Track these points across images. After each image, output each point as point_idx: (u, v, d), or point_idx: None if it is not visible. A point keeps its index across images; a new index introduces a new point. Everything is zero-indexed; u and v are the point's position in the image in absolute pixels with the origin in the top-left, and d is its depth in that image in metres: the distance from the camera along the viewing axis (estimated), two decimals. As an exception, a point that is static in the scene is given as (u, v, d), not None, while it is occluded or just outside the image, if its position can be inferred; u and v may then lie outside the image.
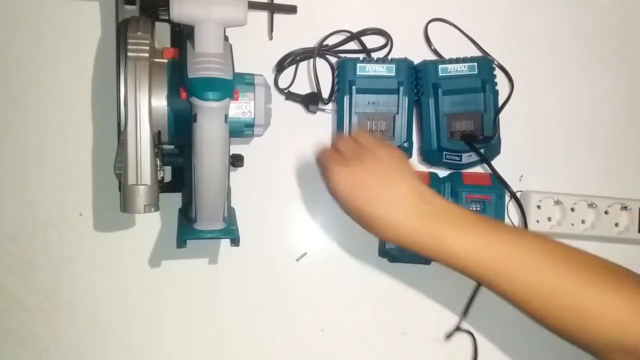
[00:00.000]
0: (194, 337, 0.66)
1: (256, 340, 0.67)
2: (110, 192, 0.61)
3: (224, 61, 0.52)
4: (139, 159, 0.53)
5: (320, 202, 0.68)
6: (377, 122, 0.66)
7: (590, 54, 0.73)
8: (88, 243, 0.65)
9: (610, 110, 0.73)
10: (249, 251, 0.66)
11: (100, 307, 0.65)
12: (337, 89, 0.67)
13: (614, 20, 0.74)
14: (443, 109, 0.66)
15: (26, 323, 0.64)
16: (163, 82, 0.56)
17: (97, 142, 0.65)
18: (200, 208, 0.55)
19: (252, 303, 0.67)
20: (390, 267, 0.68)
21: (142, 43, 0.53)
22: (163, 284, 0.66)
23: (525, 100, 0.70)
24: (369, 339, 0.69)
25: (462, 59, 0.66)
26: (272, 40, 0.67)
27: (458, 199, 0.67)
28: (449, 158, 0.66)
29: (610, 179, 0.72)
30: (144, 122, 0.53)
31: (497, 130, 0.67)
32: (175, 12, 0.50)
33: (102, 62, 0.64)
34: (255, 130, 0.60)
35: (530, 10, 0.73)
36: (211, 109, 0.50)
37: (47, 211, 0.64)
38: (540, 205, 0.69)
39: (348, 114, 0.65)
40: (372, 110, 0.66)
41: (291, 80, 0.67)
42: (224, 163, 0.53)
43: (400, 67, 0.66)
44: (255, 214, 0.67)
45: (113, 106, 0.56)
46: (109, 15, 0.63)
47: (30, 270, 0.64)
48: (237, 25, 0.52)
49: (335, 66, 0.68)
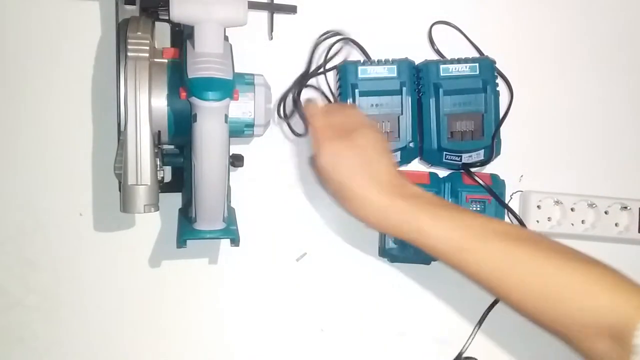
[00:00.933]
0: (194, 337, 0.66)
1: (256, 340, 0.67)
2: (110, 192, 0.61)
3: (224, 61, 0.52)
4: (139, 159, 0.53)
5: (320, 202, 0.68)
6: (381, 123, 0.65)
7: (590, 54, 0.73)
8: (88, 243, 0.65)
9: (610, 110, 0.73)
10: (249, 251, 0.66)
11: (100, 307, 0.65)
12: (339, 92, 0.67)
13: (614, 22, 0.74)
14: (444, 109, 0.65)
15: (26, 323, 0.64)
16: (163, 82, 0.56)
17: (97, 142, 0.65)
18: (200, 208, 0.55)
19: (252, 303, 0.67)
20: (390, 267, 0.68)
21: (142, 43, 0.53)
22: (163, 284, 0.66)
23: (526, 100, 0.70)
24: (368, 339, 0.69)
25: (464, 59, 0.66)
26: (272, 40, 0.67)
27: (458, 199, 0.67)
28: (449, 158, 0.66)
29: (610, 179, 0.72)
30: (144, 122, 0.53)
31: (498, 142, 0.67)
32: (175, 12, 0.51)
33: (102, 62, 0.64)
34: (255, 130, 0.60)
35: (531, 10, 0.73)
36: (211, 109, 0.50)
37: (47, 211, 0.64)
38: (540, 205, 0.69)
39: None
40: (376, 112, 0.66)
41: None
42: (224, 163, 0.53)
43: (402, 67, 0.66)
44: (255, 214, 0.67)
45: (113, 106, 0.56)
46: (109, 15, 0.63)
47: (30, 270, 0.64)
48: (237, 25, 0.52)
49: (336, 70, 0.68)
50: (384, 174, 0.54)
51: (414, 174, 0.67)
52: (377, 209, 0.52)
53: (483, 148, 0.66)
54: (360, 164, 0.53)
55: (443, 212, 0.52)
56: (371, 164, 0.54)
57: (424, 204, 0.52)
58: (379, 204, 0.52)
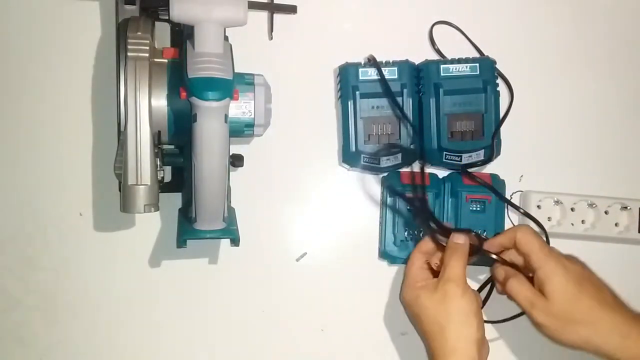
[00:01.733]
0: (194, 337, 0.66)
1: (256, 340, 0.67)
2: (110, 192, 0.61)
3: (223, 61, 0.52)
4: (139, 159, 0.53)
5: (320, 202, 0.68)
6: (382, 125, 0.65)
7: (590, 54, 0.73)
8: (88, 243, 0.65)
9: (610, 110, 0.73)
10: (249, 251, 0.66)
11: (100, 307, 0.65)
12: (340, 94, 0.66)
13: (614, 22, 0.74)
14: (444, 109, 0.65)
15: (26, 323, 0.64)
16: (163, 82, 0.56)
17: (97, 142, 0.65)
18: (200, 208, 0.55)
19: (252, 303, 0.67)
20: (390, 267, 0.68)
21: (142, 43, 0.53)
22: (163, 284, 0.66)
23: (526, 100, 0.70)
24: (369, 339, 0.69)
25: (464, 59, 0.66)
26: (272, 40, 0.67)
27: (458, 199, 0.67)
28: (449, 158, 0.66)
29: (610, 179, 0.72)
30: (144, 122, 0.53)
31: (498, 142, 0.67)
32: (175, 12, 0.50)
33: (102, 62, 0.64)
34: (255, 130, 0.60)
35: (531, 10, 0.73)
36: (211, 109, 0.50)
37: (47, 211, 0.64)
38: (540, 205, 0.69)
39: (353, 119, 0.65)
40: (377, 114, 0.66)
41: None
42: (224, 163, 0.53)
43: (403, 69, 0.65)
44: (255, 214, 0.67)
45: (113, 106, 0.56)
46: (109, 15, 0.63)
47: (30, 270, 0.64)
48: (237, 25, 0.52)
49: (336, 72, 0.68)
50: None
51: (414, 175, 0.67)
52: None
53: (483, 148, 0.66)
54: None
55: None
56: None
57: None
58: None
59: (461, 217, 0.67)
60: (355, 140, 0.65)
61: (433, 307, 0.58)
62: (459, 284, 0.58)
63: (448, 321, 0.57)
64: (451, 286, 0.58)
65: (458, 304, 0.57)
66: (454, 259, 0.59)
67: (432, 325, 0.58)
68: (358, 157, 0.65)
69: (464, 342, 0.57)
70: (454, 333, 0.57)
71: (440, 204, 0.67)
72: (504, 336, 0.69)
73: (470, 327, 0.57)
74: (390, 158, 0.66)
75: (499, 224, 0.67)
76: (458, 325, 0.57)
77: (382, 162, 0.66)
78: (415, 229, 0.67)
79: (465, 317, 0.57)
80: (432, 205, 0.66)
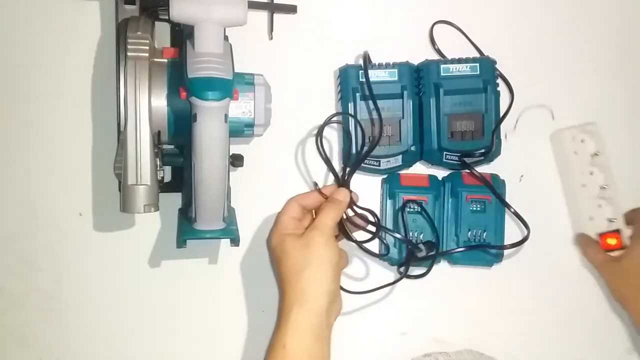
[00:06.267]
0: (194, 337, 0.66)
1: (256, 340, 0.67)
2: (110, 192, 0.61)
3: (223, 61, 0.52)
4: (139, 159, 0.53)
5: (320, 202, 0.68)
6: (383, 127, 0.65)
7: (590, 54, 0.73)
8: (88, 243, 0.65)
9: (610, 110, 0.73)
10: (249, 251, 0.66)
11: (100, 307, 0.65)
12: (340, 96, 0.66)
13: (614, 21, 0.74)
14: (444, 109, 0.65)
15: (26, 323, 0.64)
16: (163, 82, 0.56)
17: (97, 142, 0.65)
18: (200, 208, 0.55)
19: (252, 303, 0.67)
20: (390, 268, 0.68)
21: (142, 43, 0.53)
22: (163, 284, 0.66)
23: (526, 100, 0.70)
24: (369, 339, 0.69)
25: (464, 59, 0.66)
26: (272, 40, 0.67)
27: (458, 199, 0.67)
28: (449, 158, 0.66)
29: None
30: (144, 122, 0.53)
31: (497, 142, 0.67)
32: (175, 12, 0.51)
33: (102, 62, 0.64)
34: (255, 130, 0.60)
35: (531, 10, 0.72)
36: (211, 108, 0.50)
37: (47, 211, 0.64)
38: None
39: (354, 121, 0.65)
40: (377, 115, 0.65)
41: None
42: (224, 163, 0.53)
43: (403, 71, 0.65)
44: (255, 214, 0.67)
45: (113, 106, 0.56)
46: (109, 15, 0.63)
47: (30, 270, 0.64)
48: (237, 25, 0.52)
49: (337, 73, 0.68)
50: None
51: (414, 177, 0.67)
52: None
53: (483, 148, 0.66)
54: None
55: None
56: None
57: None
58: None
59: (461, 217, 0.67)
60: (356, 141, 0.65)
61: (295, 251, 0.58)
62: (323, 233, 0.58)
63: (305, 266, 0.57)
64: (316, 233, 0.58)
65: (318, 251, 0.57)
66: (327, 209, 0.60)
67: (290, 269, 0.58)
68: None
69: (315, 289, 0.56)
70: (308, 278, 0.56)
71: (440, 204, 0.67)
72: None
73: (325, 277, 0.57)
74: (390, 160, 0.66)
75: (499, 224, 0.67)
76: (313, 271, 0.57)
77: (382, 163, 0.66)
78: (415, 229, 0.66)
79: (323, 265, 0.57)
80: (431, 206, 0.66)
